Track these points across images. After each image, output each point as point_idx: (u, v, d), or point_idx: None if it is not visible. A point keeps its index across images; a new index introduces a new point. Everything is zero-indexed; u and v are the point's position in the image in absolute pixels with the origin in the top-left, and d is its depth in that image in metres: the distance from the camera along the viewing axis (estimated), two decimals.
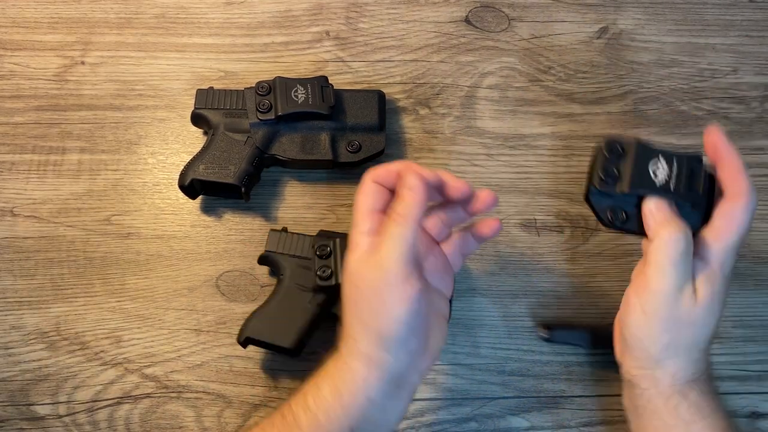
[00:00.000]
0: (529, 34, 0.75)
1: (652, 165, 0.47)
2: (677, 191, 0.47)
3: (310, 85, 0.65)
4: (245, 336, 0.59)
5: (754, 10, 0.76)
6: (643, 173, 0.47)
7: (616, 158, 0.47)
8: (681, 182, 0.47)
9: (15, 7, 0.74)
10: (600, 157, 0.48)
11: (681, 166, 0.48)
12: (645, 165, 0.47)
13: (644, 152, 0.47)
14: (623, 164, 0.47)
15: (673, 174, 0.47)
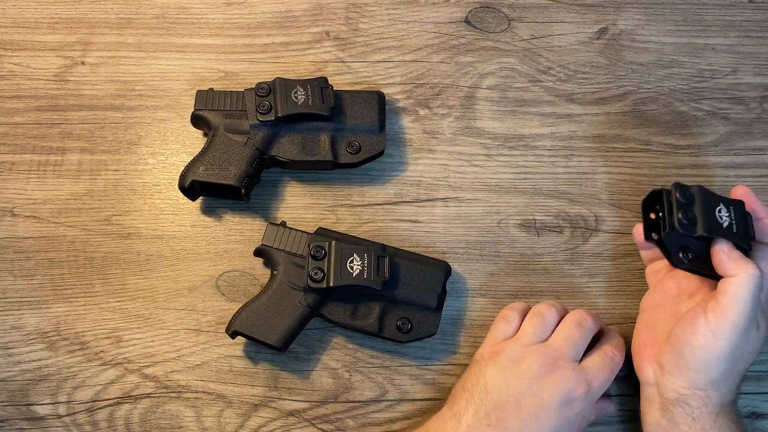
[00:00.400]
0: (529, 35, 0.75)
1: (716, 210, 0.52)
2: (738, 234, 0.52)
3: (310, 86, 0.65)
4: (233, 329, 0.59)
5: (754, 11, 0.76)
6: (712, 218, 0.52)
7: (688, 203, 0.52)
8: (740, 226, 0.53)
9: (15, 7, 0.74)
10: (676, 202, 0.52)
11: (736, 211, 0.53)
12: (712, 210, 0.52)
13: (708, 198, 0.53)
14: (695, 209, 0.52)
15: (733, 218, 0.53)
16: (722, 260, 0.52)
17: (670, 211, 0.53)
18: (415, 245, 0.66)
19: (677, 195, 0.53)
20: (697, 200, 0.53)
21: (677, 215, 0.52)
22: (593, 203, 0.68)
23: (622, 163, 0.70)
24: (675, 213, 0.52)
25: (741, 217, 0.53)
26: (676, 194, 0.53)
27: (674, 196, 0.53)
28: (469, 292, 0.65)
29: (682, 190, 0.53)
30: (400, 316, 0.60)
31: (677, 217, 0.52)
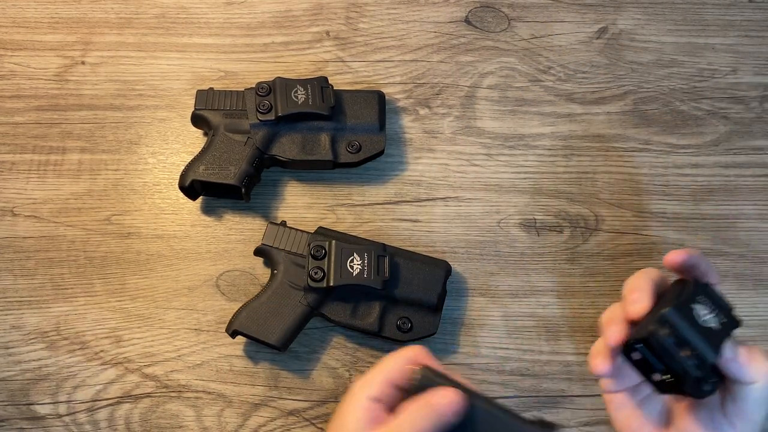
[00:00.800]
0: (529, 34, 0.75)
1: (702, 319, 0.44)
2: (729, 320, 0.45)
3: (310, 85, 0.66)
4: (233, 329, 0.59)
5: (754, 10, 0.76)
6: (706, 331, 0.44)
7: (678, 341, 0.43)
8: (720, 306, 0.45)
9: (15, 7, 0.74)
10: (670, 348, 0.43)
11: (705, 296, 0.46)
12: (696, 324, 0.44)
13: (685, 313, 0.44)
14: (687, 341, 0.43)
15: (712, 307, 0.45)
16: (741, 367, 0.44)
17: (672, 360, 0.43)
18: (415, 245, 0.66)
19: (664, 334, 0.43)
20: (679, 327, 0.43)
21: (682, 360, 0.43)
22: (593, 203, 0.68)
23: (622, 163, 0.70)
24: (678, 360, 0.43)
25: (711, 298, 0.45)
26: (662, 336, 0.43)
27: (663, 342, 0.43)
28: (469, 291, 0.65)
29: (663, 328, 0.43)
30: (400, 315, 0.60)
31: (685, 363, 0.42)
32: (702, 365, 0.42)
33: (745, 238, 0.67)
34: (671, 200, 0.69)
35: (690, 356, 0.42)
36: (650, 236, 0.67)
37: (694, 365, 0.42)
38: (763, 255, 0.67)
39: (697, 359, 0.42)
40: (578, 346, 0.63)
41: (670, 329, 0.43)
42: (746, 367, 0.44)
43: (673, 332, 0.43)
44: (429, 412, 0.42)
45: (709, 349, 0.43)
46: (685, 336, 0.43)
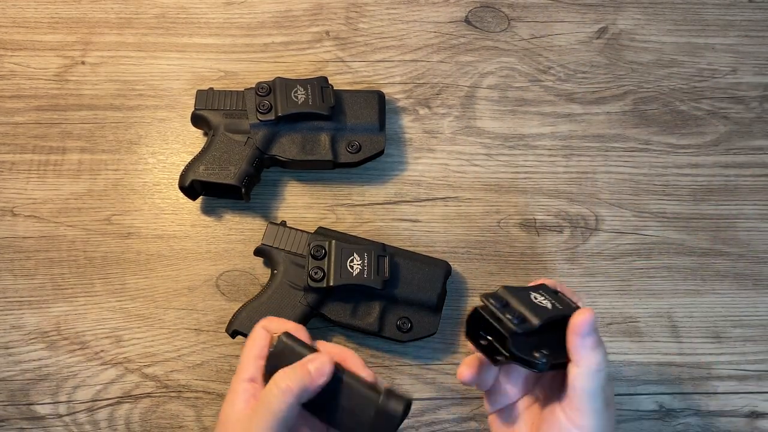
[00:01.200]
0: (529, 34, 0.75)
1: (533, 298, 0.48)
2: (564, 309, 0.47)
3: (310, 85, 0.66)
4: (233, 329, 0.59)
5: (754, 10, 0.76)
6: (535, 306, 0.47)
7: (505, 304, 0.47)
8: (559, 301, 0.48)
9: (15, 7, 0.74)
10: (497, 311, 0.47)
11: (545, 292, 0.49)
12: (529, 300, 0.47)
13: (517, 292, 0.48)
14: (514, 307, 0.47)
15: (549, 298, 0.48)
16: (573, 345, 0.46)
17: (499, 322, 0.46)
18: (415, 245, 0.66)
19: (492, 304, 0.47)
20: (510, 299, 0.47)
21: (506, 320, 0.46)
22: (593, 203, 0.68)
23: (622, 163, 0.70)
24: (503, 320, 0.46)
25: (555, 296, 0.49)
26: (490, 304, 0.47)
27: (490, 308, 0.47)
28: (469, 291, 0.65)
29: (492, 298, 0.47)
30: (400, 315, 0.60)
31: (507, 321, 0.46)
32: (523, 323, 0.45)
33: (745, 238, 0.67)
34: (671, 200, 0.69)
35: (514, 316, 0.46)
36: (650, 236, 0.67)
37: (517, 322, 0.45)
38: (763, 255, 0.67)
39: (518, 318, 0.46)
40: None
41: (498, 300, 0.47)
42: (580, 348, 0.46)
43: (501, 302, 0.47)
44: (298, 375, 0.45)
45: (533, 314, 0.46)
46: (511, 304, 0.47)
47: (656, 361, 0.63)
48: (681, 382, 0.62)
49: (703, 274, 0.66)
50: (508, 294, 0.48)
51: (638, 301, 0.65)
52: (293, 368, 0.45)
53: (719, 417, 0.61)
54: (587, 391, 0.45)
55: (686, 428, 0.61)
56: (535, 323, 0.45)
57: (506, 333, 0.45)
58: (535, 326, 0.45)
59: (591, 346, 0.45)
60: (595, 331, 0.46)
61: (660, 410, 0.61)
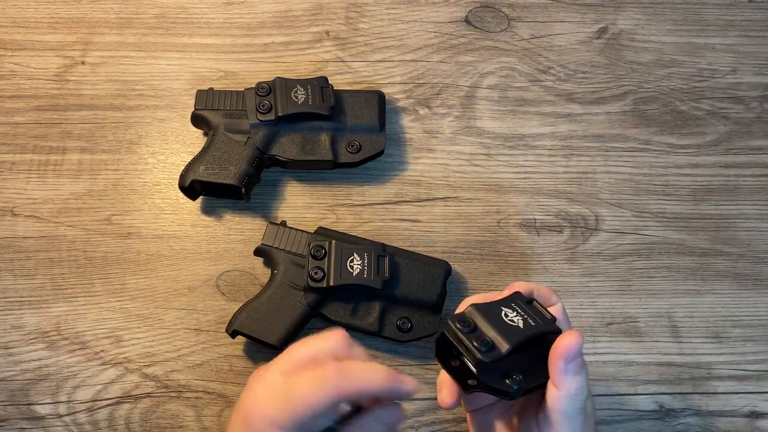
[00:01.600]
0: (529, 34, 0.75)
1: (503, 316, 0.45)
2: (538, 325, 0.46)
3: (310, 85, 0.66)
4: (233, 329, 0.59)
5: (754, 10, 0.76)
6: (504, 326, 0.45)
7: (473, 329, 0.45)
8: (534, 316, 0.46)
9: (15, 7, 0.74)
10: (463, 337, 0.44)
11: (519, 305, 0.47)
12: (499, 320, 0.45)
13: (487, 311, 0.46)
14: (483, 330, 0.45)
15: (522, 314, 0.46)
16: (555, 369, 0.44)
17: (465, 349, 0.44)
18: (415, 245, 0.66)
19: (458, 328, 0.44)
20: (479, 320, 0.45)
21: (473, 348, 0.43)
22: (593, 203, 0.68)
23: (622, 163, 0.70)
24: (470, 348, 0.44)
25: (529, 307, 0.46)
26: (457, 329, 0.44)
27: (456, 333, 0.44)
28: (469, 291, 0.65)
29: (459, 322, 0.45)
30: (400, 315, 0.60)
31: (474, 349, 0.43)
32: (491, 350, 0.43)
33: (745, 238, 0.68)
34: (671, 200, 0.69)
35: (481, 343, 0.43)
36: (650, 236, 0.67)
37: (485, 350, 0.43)
38: (763, 255, 0.67)
39: (486, 345, 0.43)
40: None
41: (465, 323, 0.44)
42: (559, 374, 0.44)
43: (468, 325, 0.44)
44: None
45: (503, 339, 0.44)
46: (479, 327, 0.44)
47: (656, 361, 0.63)
48: (681, 382, 0.62)
49: (703, 274, 0.66)
50: (477, 314, 0.45)
51: (638, 301, 0.65)
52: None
53: (719, 417, 0.61)
54: (567, 414, 0.44)
55: (686, 428, 0.61)
56: (504, 350, 0.43)
57: (472, 363, 0.43)
58: (503, 354, 0.43)
59: (575, 371, 0.43)
60: (580, 354, 0.44)
61: (660, 410, 0.61)
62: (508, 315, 0.46)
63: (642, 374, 0.62)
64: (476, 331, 0.44)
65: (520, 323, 0.45)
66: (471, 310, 0.46)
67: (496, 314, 0.45)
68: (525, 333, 0.44)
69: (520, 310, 0.46)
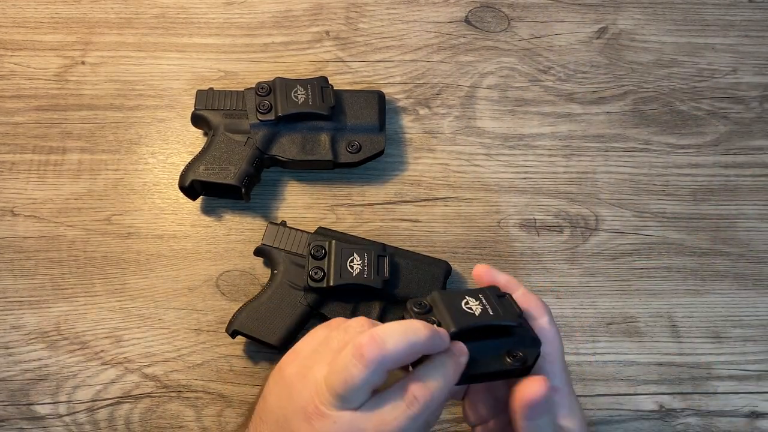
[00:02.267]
0: (529, 34, 0.75)
1: (463, 304, 0.45)
2: (498, 315, 0.45)
3: (310, 85, 0.66)
4: (233, 329, 0.59)
5: (754, 10, 0.76)
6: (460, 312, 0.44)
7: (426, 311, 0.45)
8: (498, 307, 0.46)
9: (15, 7, 0.74)
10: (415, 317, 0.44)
11: (488, 296, 0.46)
12: (457, 306, 0.45)
13: (448, 298, 0.45)
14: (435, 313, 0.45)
15: (486, 303, 0.45)
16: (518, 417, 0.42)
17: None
18: (415, 245, 0.66)
19: (413, 310, 0.44)
20: (437, 304, 0.45)
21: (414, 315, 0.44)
22: (593, 203, 0.68)
23: (622, 163, 0.70)
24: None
25: (497, 300, 0.46)
26: (412, 311, 0.45)
27: (409, 313, 0.45)
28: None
29: (416, 305, 0.45)
30: (400, 315, 0.60)
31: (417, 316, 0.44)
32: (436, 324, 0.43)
33: (745, 238, 0.68)
34: (671, 200, 0.69)
35: (419, 307, 0.44)
36: (650, 236, 0.67)
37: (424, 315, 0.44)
38: (763, 255, 0.67)
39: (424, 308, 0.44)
40: (578, 346, 0.63)
41: (421, 305, 0.45)
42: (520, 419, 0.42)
43: (424, 307, 0.45)
44: None
45: (452, 322, 0.44)
46: (434, 309, 0.45)
47: (656, 361, 0.63)
48: (681, 382, 0.62)
49: (703, 274, 0.66)
50: (437, 299, 0.45)
51: (638, 301, 0.65)
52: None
53: (719, 417, 0.61)
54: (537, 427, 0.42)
55: (686, 428, 0.61)
56: (449, 330, 0.43)
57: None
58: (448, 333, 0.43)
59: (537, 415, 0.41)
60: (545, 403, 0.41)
61: (660, 410, 0.61)
62: (468, 303, 0.45)
63: (642, 374, 0.62)
64: (429, 313, 0.45)
65: (477, 311, 0.45)
66: (434, 295, 0.46)
67: (456, 301, 0.45)
68: (477, 320, 0.44)
69: (485, 301, 0.46)
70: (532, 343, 0.45)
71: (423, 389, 0.40)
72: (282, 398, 0.42)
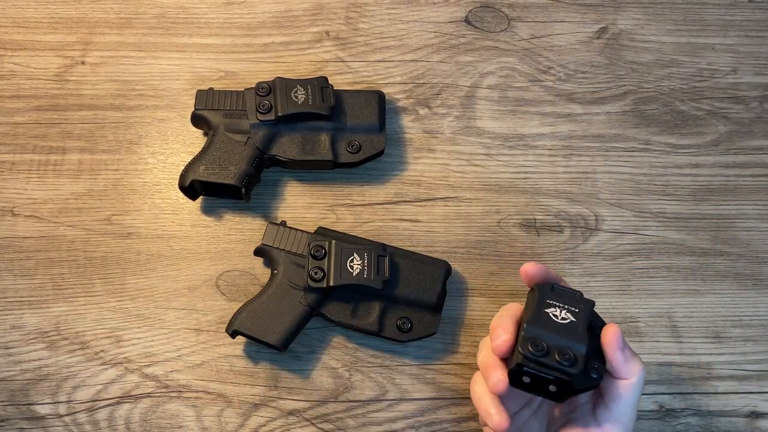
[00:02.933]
0: (529, 35, 0.75)
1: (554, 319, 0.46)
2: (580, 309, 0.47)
3: (310, 85, 0.66)
4: (233, 329, 0.59)
5: (754, 10, 0.76)
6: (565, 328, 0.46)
7: (545, 352, 0.45)
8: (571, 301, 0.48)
9: (15, 7, 0.74)
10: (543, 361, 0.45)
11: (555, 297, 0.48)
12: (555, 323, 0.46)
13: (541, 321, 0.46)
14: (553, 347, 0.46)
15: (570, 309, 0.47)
16: (619, 362, 0.46)
17: (551, 370, 0.45)
18: (415, 245, 0.66)
19: (533, 354, 0.45)
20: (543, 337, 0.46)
21: (559, 366, 0.44)
22: (593, 203, 0.68)
23: (622, 163, 0.70)
24: (557, 368, 0.44)
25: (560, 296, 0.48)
26: (532, 355, 0.45)
27: (534, 359, 0.45)
28: (469, 291, 0.65)
29: (531, 345, 0.45)
30: (400, 315, 0.60)
31: (561, 368, 0.44)
32: (576, 361, 0.45)
33: (745, 238, 0.68)
34: (671, 200, 0.69)
35: (563, 359, 0.44)
36: (650, 236, 0.67)
37: (570, 364, 0.44)
38: (763, 255, 0.67)
39: (569, 359, 0.45)
40: None
41: (534, 344, 0.45)
42: (626, 362, 0.46)
43: (538, 345, 0.45)
44: None
45: (574, 342, 0.45)
46: (548, 344, 0.45)
47: (656, 361, 0.63)
48: (681, 382, 0.62)
49: (703, 274, 0.66)
50: (537, 330, 0.46)
51: (638, 301, 0.65)
52: None
53: (719, 417, 0.61)
54: (632, 403, 0.46)
55: (686, 428, 0.61)
56: (583, 351, 0.45)
57: (570, 380, 0.44)
58: (584, 354, 0.45)
59: (632, 355, 0.46)
60: (624, 340, 0.46)
61: (660, 410, 0.61)
62: (557, 316, 0.47)
63: None
64: (549, 349, 0.45)
65: (570, 317, 0.47)
66: (530, 329, 0.46)
67: (549, 321, 0.46)
68: (582, 325, 0.46)
69: (559, 303, 0.48)
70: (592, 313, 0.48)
71: None
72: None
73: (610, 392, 0.46)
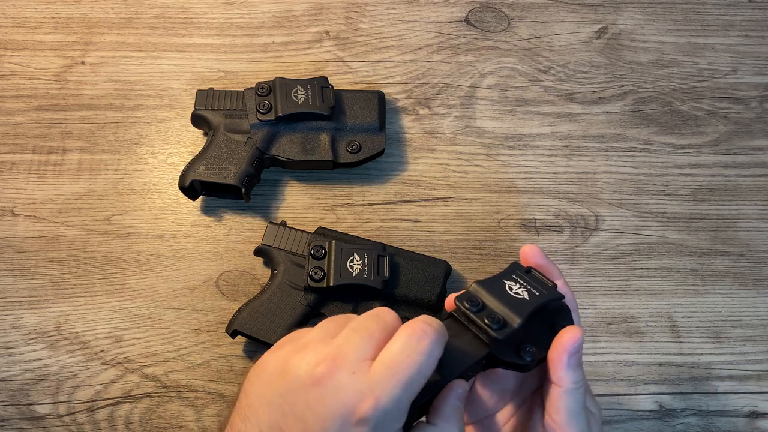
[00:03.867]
0: (529, 35, 0.75)
1: (508, 290, 0.45)
2: (543, 295, 0.45)
3: (310, 85, 0.66)
4: (233, 329, 0.59)
5: (754, 10, 0.76)
6: (511, 300, 0.44)
7: (480, 308, 0.44)
8: (540, 287, 0.46)
9: (15, 7, 0.74)
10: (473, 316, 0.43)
11: (527, 279, 0.46)
12: (504, 295, 0.45)
13: (493, 287, 0.45)
14: (490, 308, 0.44)
15: (527, 286, 0.46)
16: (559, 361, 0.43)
17: (477, 329, 0.43)
18: (415, 245, 0.66)
19: (466, 307, 0.44)
20: (485, 298, 0.44)
21: (485, 326, 0.43)
22: (593, 203, 0.68)
23: (622, 163, 0.70)
24: (482, 326, 0.43)
25: (529, 277, 0.46)
26: (464, 308, 0.44)
27: (465, 313, 0.44)
28: None
29: (467, 300, 0.44)
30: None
31: (486, 327, 0.43)
32: (504, 327, 0.43)
33: (745, 238, 0.68)
34: (671, 200, 0.69)
35: (492, 321, 0.43)
36: (650, 236, 0.67)
37: (497, 327, 0.43)
38: (763, 255, 0.67)
39: (498, 322, 0.43)
40: None
41: (473, 302, 0.44)
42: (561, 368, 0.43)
43: (474, 301, 0.44)
44: None
45: (513, 315, 0.44)
46: (488, 304, 0.44)
47: (656, 361, 0.63)
48: (681, 382, 0.62)
49: (703, 274, 0.66)
50: (482, 291, 0.45)
51: (638, 301, 0.65)
52: None
53: (719, 417, 0.61)
54: (571, 411, 0.43)
55: (686, 428, 0.61)
56: (515, 324, 0.43)
57: (488, 341, 0.43)
58: (516, 328, 0.43)
59: (575, 365, 0.43)
60: (581, 349, 0.44)
61: (660, 410, 0.61)
62: (512, 288, 0.46)
63: (642, 374, 0.62)
64: (485, 308, 0.44)
65: (525, 295, 0.45)
66: (476, 287, 0.45)
67: (500, 289, 0.45)
68: (532, 304, 0.44)
69: (522, 281, 0.46)
70: (565, 314, 0.46)
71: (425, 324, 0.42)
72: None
73: (549, 398, 0.44)
